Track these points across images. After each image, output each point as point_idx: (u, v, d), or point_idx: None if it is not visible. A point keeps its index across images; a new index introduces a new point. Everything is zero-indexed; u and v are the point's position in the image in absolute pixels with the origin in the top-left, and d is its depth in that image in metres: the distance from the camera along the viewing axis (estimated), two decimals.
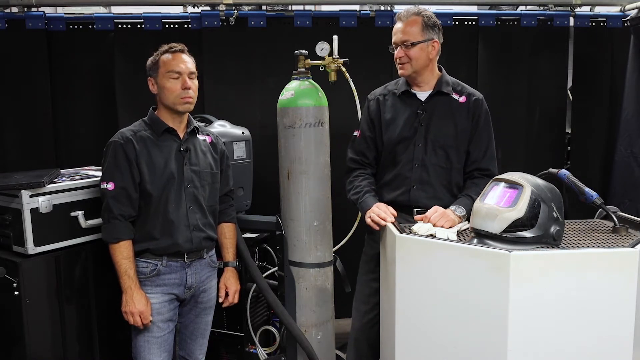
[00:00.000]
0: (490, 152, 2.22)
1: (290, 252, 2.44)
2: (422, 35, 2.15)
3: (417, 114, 2.21)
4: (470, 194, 2.11)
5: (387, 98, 2.30)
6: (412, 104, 2.23)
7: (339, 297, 2.56)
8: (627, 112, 3.48)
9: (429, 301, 1.67)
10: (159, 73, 2.07)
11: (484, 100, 2.24)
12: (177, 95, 2.05)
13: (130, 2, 3.43)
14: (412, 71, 2.18)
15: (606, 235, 1.76)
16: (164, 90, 2.06)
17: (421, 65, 2.18)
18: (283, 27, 3.30)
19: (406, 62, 2.16)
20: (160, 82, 2.07)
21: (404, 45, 2.15)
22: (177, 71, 2.05)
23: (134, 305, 1.99)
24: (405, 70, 2.18)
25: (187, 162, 2.10)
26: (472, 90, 2.26)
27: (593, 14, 3.51)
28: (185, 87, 2.05)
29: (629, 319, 1.53)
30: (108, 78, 3.24)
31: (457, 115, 2.20)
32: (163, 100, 2.09)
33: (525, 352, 1.52)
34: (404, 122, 2.22)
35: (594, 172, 3.59)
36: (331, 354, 2.54)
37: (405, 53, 2.15)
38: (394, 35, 2.20)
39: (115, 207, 2.00)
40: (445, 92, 2.21)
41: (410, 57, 2.15)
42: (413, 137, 2.20)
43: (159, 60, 2.08)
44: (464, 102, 2.21)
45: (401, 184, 2.22)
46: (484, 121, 2.22)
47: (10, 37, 3.14)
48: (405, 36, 2.15)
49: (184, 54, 2.10)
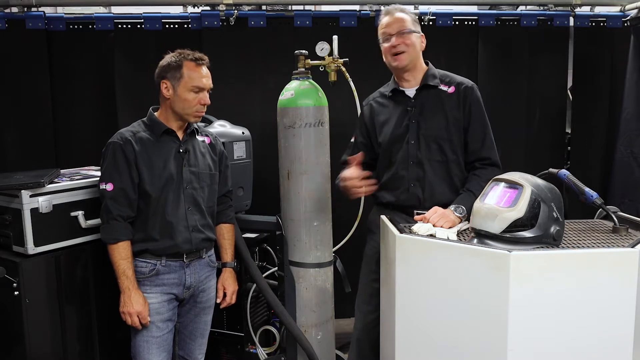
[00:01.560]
0: (487, 140, 2.18)
1: (290, 252, 2.44)
2: (413, 26, 2.18)
3: (407, 111, 2.20)
4: (471, 189, 2.08)
5: (380, 101, 2.31)
6: (402, 101, 2.23)
7: (339, 297, 2.56)
8: (627, 112, 3.48)
9: (429, 301, 1.67)
10: (180, 82, 2.03)
11: (475, 88, 2.21)
12: (194, 109, 2.05)
13: (130, 2, 3.42)
14: (409, 60, 2.17)
15: (606, 235, 1.76)
16: (182, 102, 2.04)
17: (415, 55, 2.18)
18: (283, 27, 3.30)
19: (403, 51, 2.15)
20: (179, 91, 2.03)
21: (400, 34, 2.15)
22: (201, 87, 2.04)
23: (132, 306, 1.98)
24: (403, 60, 2.16)
25: (186, 164, 2.10)
26: (461, 79, 2.23)
27: (593, 14, 3.52)
28: (204, 104, 2.06)
29: (629, 319, 1.53)
30: (108, 78, 3.24)
31: (447, 107, 2.17)
32: (175, 108, 2.06)
33: (525, 352, 1.52)
34: (395, 121, 2.22)
35: (594, 172, 3.59)
36: (331, 354, 2.54)
37: (403, 41, 2.15)
38: (385, 28, 2.19)
39: (114, 208, 2.00)
40: (433, 85, 2.19)
41: (407, 45, 2.15)
42: (405, 135, 2.19)
43: (182, 68, 2.03)
44: (453, 92, 2.18)
45: (399, 184, 2.22)
46: (476, 109, 2.18)
47: (10, 37, 3.15)
48: (401, 24, 2.16)
49: (206, 67, 2.09)
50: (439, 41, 3.34)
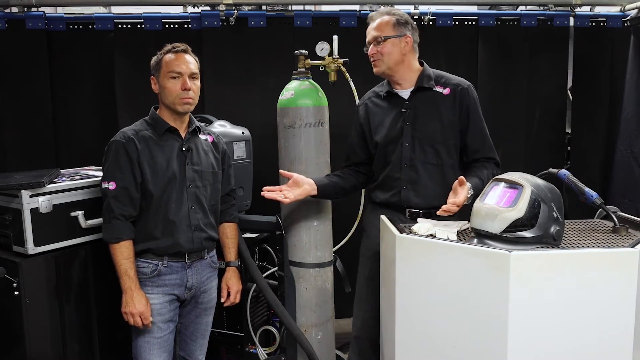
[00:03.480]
0: (487, 141, 2.20)
1: (290, 252, 2.44)
2: (393, 31, 2.16)
3: (402, 113, 2.20)
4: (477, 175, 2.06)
5: (374, 101, 2.31)
6: (397, 103, 2.23)
7: (339, 297, 2.56)
8: (627, 112, 3.48)
9: (429, 301, 1.67)
10: (160, 73, 2.07)
11: (472, 88, 2.21)
12: (176, 96, 2.05)
13: (130, 2, 3.42)
14: (386, 67, 2.17)
15: (606, 235, 1.76)
16: (164, 90, 2.06)
17: (394, 61, 2.17)
18: (283, 27, 3.30)
19: (378, 59, 2.17)
20: (161, 82, 2.07)
21: (375, 42, 2.16)
22: (177, 71, 2.05)
23: (134, 306, 1.98)
24: (379, 67, 2.18)
25: (189, 162, 2.10)
26: (458, 80, 2.22)
27: (593, 14, 3.52)
28: (185, 88, 2.05)
29: (629, 319, 1.53)
30: (108, 78, 3.24)
31: (442, 109, 2.17)
32: (163, 100, 2.09)
33: (525, 352, 1.52)
34: (389, 123, 2.22)
35: (594, 172, 3.59)
36: (331, 354, 2.54)
37: (377, 50, 2.16)
38: (367, 36, 2.21)
39: (116, 207, 2.00)
40: (428, 87, 2.19)
41: (382, 53, 2.15)
42: (400, 137, 2.19)
43: (161, 60, 2.07)
44: (449, 94, 2.18)
45: (392, 185, 2.22)
46: (474, 111, 2.18)
47: (10, 37, 3.15)
48: (377, 32, 2.17)
49: (187, 54, 2.09)
50: (439, 41, 3.34)
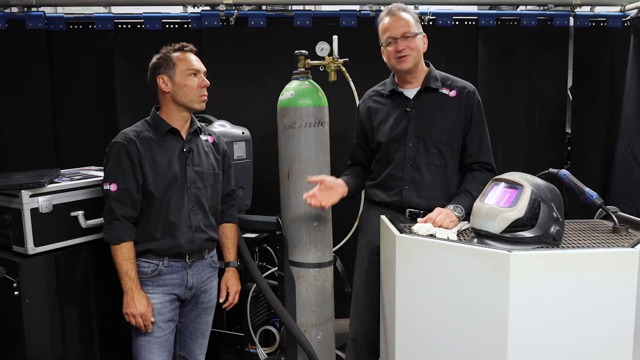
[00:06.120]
0: (485, 144, 2.19)
1: (290, 252, 2.44)
2: (417, 27, 2.16)
3: (406, 112, 2.18)
4: (469, 190, 2.08)
5: (377, 99, 2.30)
6: (401, 102, 2.21)
7: (339, 297, 2.56)
8: (627, 112, 3.47)
9: (429, 301, 1.67)
10: (176, 70, 2.04)
11: (476, 92, 2.21)
12: (197, 93, 2.06)
13: (130, 2, 3.43)
14: (414, 63, 2.15)
15: (606, 235, 1.76)
16: (184, 88, 2.05)
17: (419, 58, 2.17)
18: (283, 27, 3.30)
19: (409, 54, 2.13)
20: (178, 80, 2.05)
21: (404, 37, 2.13)
22: (196, 69, 2.06)
23: (135, 307, 1.98)
24: (408, 62, 2.14)
25: (190, 163, 2.09)
26: (463, 83, 2.22)
27: (593, 14, 3.51)
28: (204, 86, 2.07)
29: (629, 319, 1.53)
30: (108, 78, 3.24)
31: (448, 111, 2.16)
32: (179, 98, 2.06)
33: (525, 352, 1.53)
34: (393, 122, 2.21)
35: (594, 172, 3.59)
36: (331, 354, 2.54)
37: (407, 45, 2.13)
38: (389, 31, 2.15)
39: (118, 209, 1.99)
40: (434, 88, 2.18)
41: (412, 48, 2.13)
42: (404, 137, 2.18)
43: (172, 58, 2.06)
44: (455, 97, 2.17)
45: (393, 185, 2.21)
46: (477, 114, 2.18)
47: (10, 37, 3.15)
48: (406, 27, 2.14)
49: (194, 54, 2.11)
50: (439, 41, 3.34)
